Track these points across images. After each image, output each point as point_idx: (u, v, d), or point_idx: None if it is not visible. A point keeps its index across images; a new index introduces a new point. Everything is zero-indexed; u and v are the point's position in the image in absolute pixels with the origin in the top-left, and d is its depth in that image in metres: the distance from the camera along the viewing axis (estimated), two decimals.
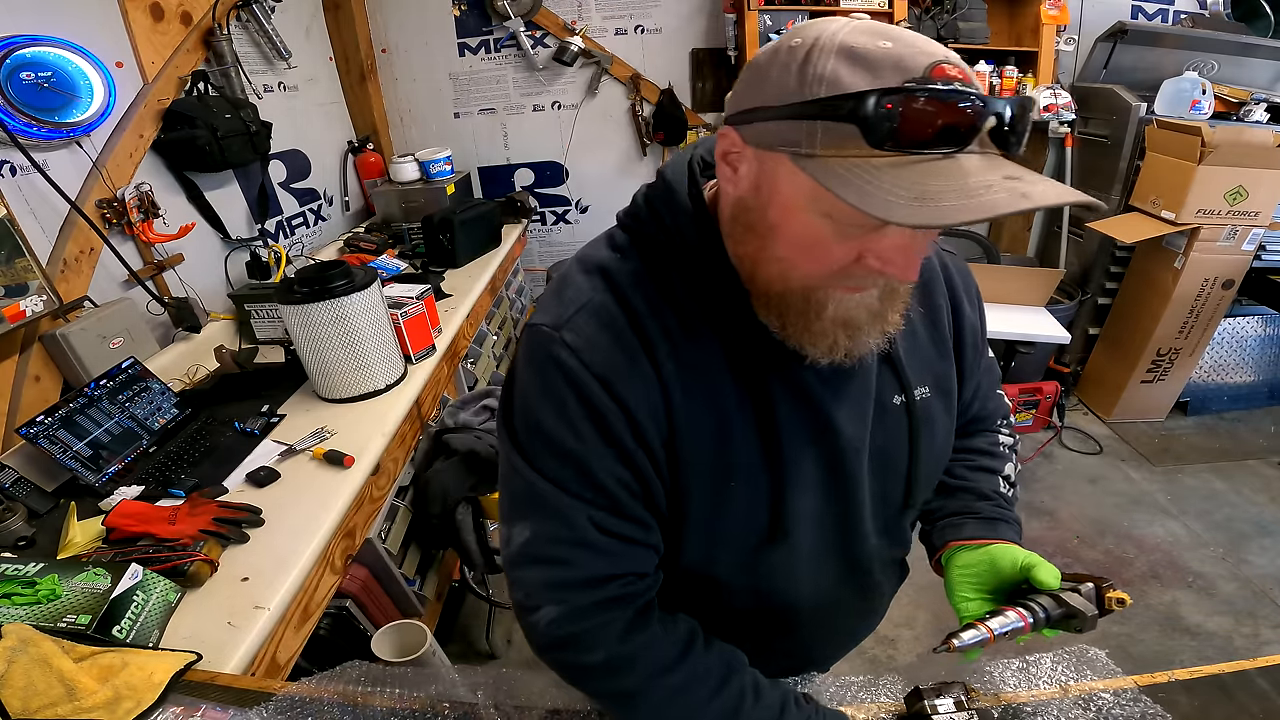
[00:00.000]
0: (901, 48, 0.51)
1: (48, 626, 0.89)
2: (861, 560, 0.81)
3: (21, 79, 1.54)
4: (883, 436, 0.74)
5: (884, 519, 0.80)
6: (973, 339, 0.82)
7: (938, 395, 0.77)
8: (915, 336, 0.76)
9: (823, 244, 0.56)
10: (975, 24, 3.00)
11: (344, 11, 3.00)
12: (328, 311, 1.55)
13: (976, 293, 0.84)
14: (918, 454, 0.76)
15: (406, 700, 0.78)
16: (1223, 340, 2.95)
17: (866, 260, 0.56)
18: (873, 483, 0.75)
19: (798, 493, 0.70)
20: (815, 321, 0.61)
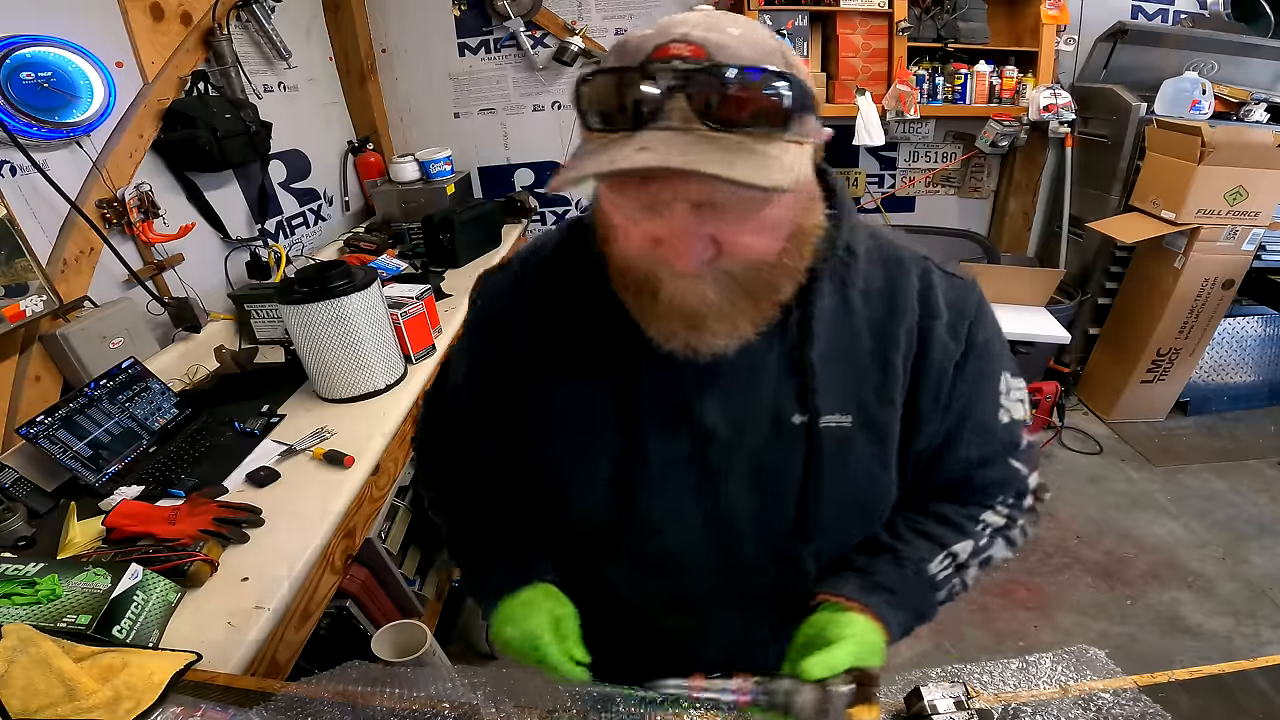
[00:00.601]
0: (655, 33, 0.54)
1: (48, 626, 0.89)
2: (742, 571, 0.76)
3: (21, 79, 1.54)
4: (771, 452, 0.69)
5: (772, 543, 0.73)
6: (939, 378, 0.70)
7: (864, 429, 0.69)
8: (853, 356, 0.68)
9: (622, 227, 0.60)
10: (975, 24, 3.00)
11: (344, 11, 3.00)
12: (328, 311, 1.55)
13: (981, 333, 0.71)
14: (818, 483, 0.69)
15: (406, 700, 0.78)
16: (1223, 340, 2.95)
17: (660, 248, 0.57)
18: (752, 496, 0.71)
19: (652, 474, 0.70)
20: (652, 302, 0.62)
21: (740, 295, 0.60)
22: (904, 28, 2.92)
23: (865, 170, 3.42)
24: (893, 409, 0.69)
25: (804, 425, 0.68)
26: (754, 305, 0.62)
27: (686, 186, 0.53)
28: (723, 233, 0.56)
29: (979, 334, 0.71)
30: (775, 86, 0.52)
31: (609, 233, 0.63)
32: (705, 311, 0.60)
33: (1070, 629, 2.07)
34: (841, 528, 0.74)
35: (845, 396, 0.68)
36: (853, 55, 3.01)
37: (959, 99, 3.07)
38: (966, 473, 0.75)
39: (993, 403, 0.74)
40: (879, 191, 3.46)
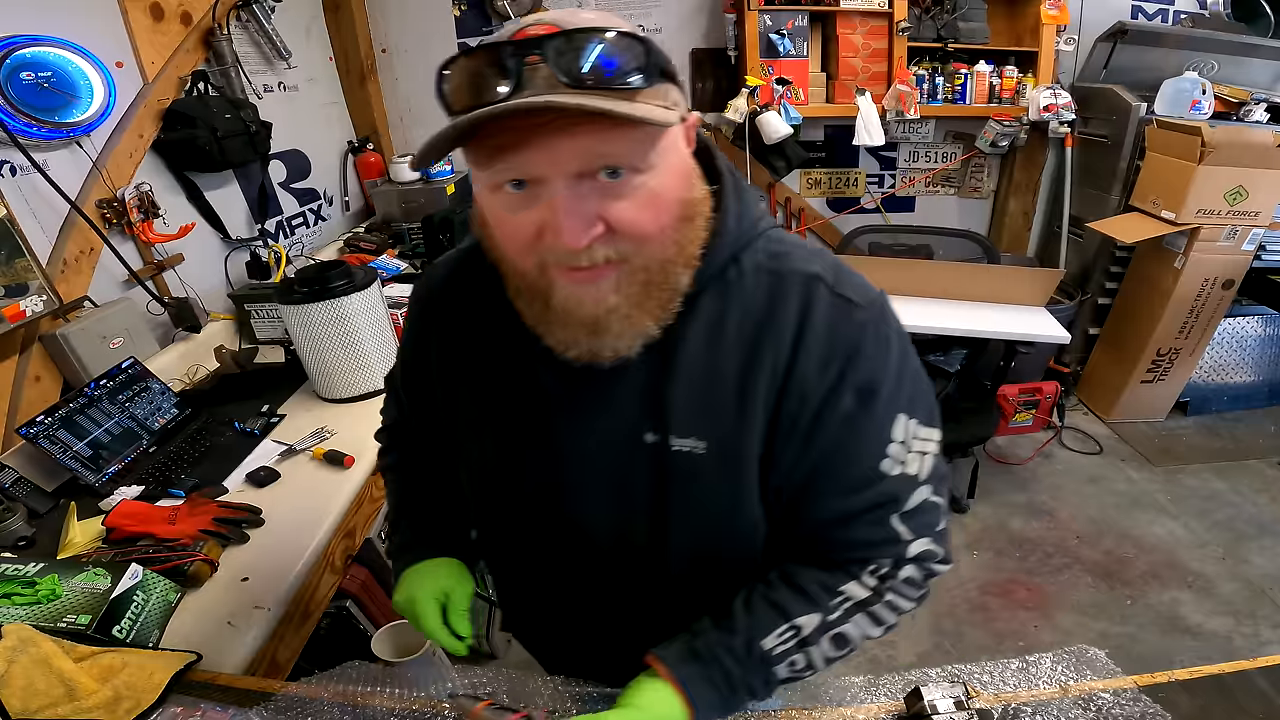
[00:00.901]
0: (515, 26, 0.54)
1: (48, 626, 0.89)
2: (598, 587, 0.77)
3: (21, 79, 1.54)
4: (625, 470, 0.67)
5: (628, 561, 0.72)
6: (798, 413, 0.63)
7: (717, 458, 0.65)
8: (716, 380, 0.64)
9: (504, 220, 0.58)
10: (975, 24, 3.00)
11: (344, 12, 2.99)
12: (328, 311, 1.55)
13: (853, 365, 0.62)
14: (667, 505, 0.67)
15: (406, 700, 0.78)
16: (1223, 340, 2.95)
17: (545, 236, 0.56)
18: (609, 510, 0.70)
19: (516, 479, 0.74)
20: (545, 310, 0.61)
21: (639, 291, 0.59)
22: (904, 28, 2.92)
23: (865, 170, 3.42)
24: (751, 441, 0.65)
25: (655, 446, 0.65)
26: (654, 300, 0.60)
27: (560, 151, 0.52)
28: (606, 209, 0.55)
29: (860, 371, 0.63)
30: (631, 44, 0.53)
31: (495, 238, 0.62)
32: (605, 315, 0.58)
33: (1070, 629, 2.07)
34: (698, 553, 0.70)
35: (703, 423, 0.64)
36: (853, 55, 3.01)
37: (959, 99, 3.07)
38: (830, 526, 0.68)
39: (872, 451, 0.65)
40: (879, 191, 3.46)
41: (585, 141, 0.52)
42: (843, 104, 3.03)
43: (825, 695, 0.78)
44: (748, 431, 0.64)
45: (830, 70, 3.07)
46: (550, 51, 0.51)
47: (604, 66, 0.51)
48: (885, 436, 0.65)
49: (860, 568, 0.68)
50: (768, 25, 2.92)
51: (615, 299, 0.58)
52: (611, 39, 0.52)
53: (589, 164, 0.53)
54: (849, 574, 0.68)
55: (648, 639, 0.70)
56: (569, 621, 0.85)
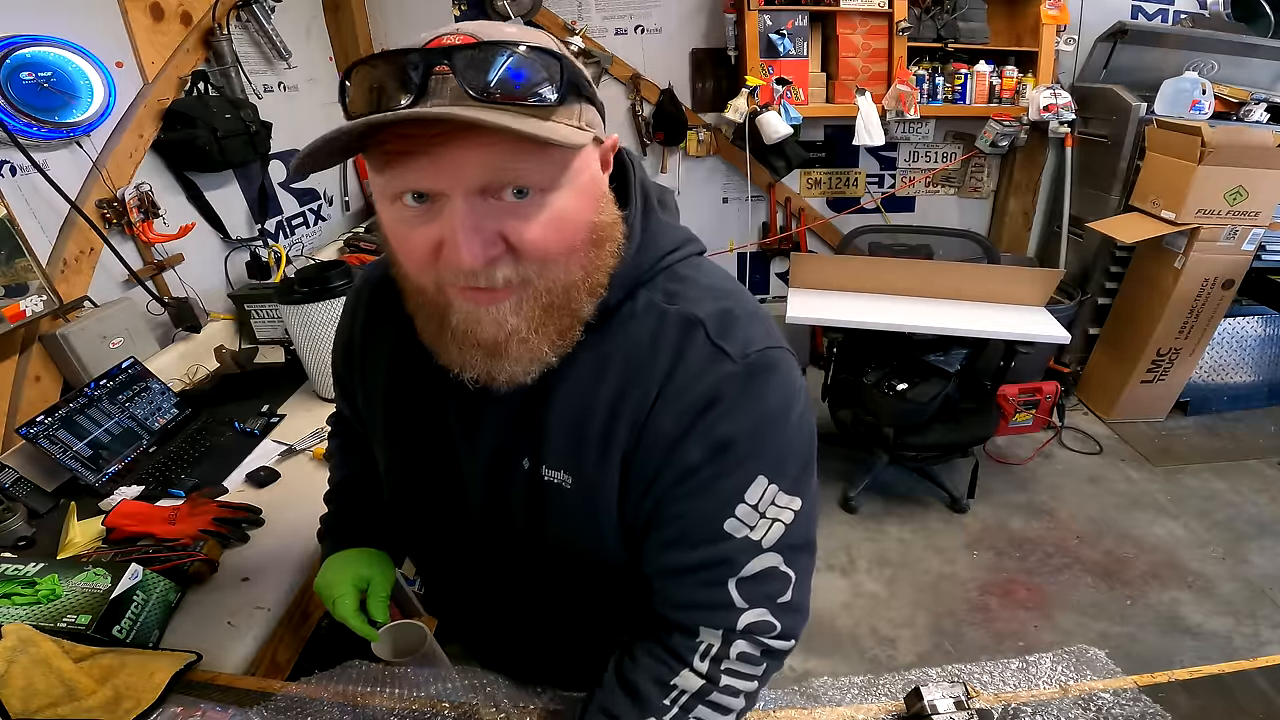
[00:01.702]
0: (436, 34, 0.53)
1: (48, 626, 0.89)
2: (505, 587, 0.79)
3: (21, 79, 1.53)
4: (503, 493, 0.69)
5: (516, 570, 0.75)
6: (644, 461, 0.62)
7: (579, 492, 0.65)
8: (586, 418, 0.63)
9: (401, 235, 0.56)
10: (975, 24, 3.00)
11: (344, 11, 2.99)
12: (328, 311, 1.55)
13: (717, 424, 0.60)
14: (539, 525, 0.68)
15: (406, 700, 0.78)
16: (1223, 340, 2.95)
17: (445, 253, 0.53)
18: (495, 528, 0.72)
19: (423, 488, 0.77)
20: (440, 330, 0.59)
21: (540, 315, 0.57)
22: (904, 28, 2.93)
23: (865, 170, 3.43)
24: (609, 482, 0.64)
25: (529, 472, 0.66)
26: (554, 326, 0.58)
27: (464, 166, 0.50)
28: (509, 228, 0.53)
29: (720, 425, 0.60)
30: (544, 59, 0.51)
31: (392, 252, 0.59)
32: (504, 338, 0.57)
33: (1070, 629, 2.07)
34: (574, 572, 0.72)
35: (570, 458, 0.64)
36: (853, 55, 3.01)
37: (959, 99, 3.07)
38: (665, 577, 0.66)
39: (717, 510, 0.61)
40: (879, 191, 3.47)
41: (492, 158, 0.50)
42: (843, 104, 3.03)
43: (825, 695, 0.78)
44: (607, 472, 0.63)
45: (830, 70, 3.08)
46: (459, 62, 0.49)
47: (513, 79, 0.49)
48: (735, 497, 0.61)
49: (690, 645, 0.65)
50: (768, 25, 2.92)
51: (515, 321, 0.56)
52: (522, 53, 0.50)
53: (494, 181, 0.51)
54: (681, 659, 0.65)
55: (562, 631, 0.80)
56: (486, 614, 0.87)
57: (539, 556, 0.72)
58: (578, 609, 0.77)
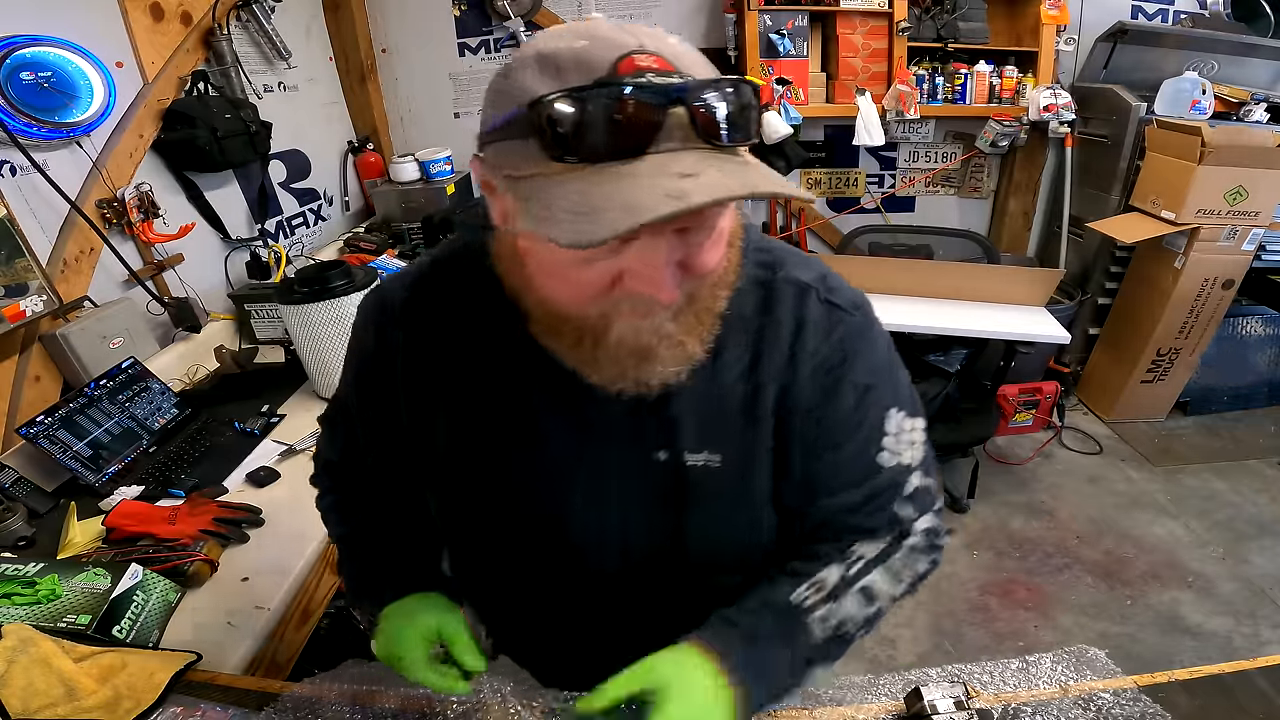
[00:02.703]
0: (594, 44, 0.48)
1: (48, 626, 0.89)
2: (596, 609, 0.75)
3: (21, 79, 1.54)
4: (636, 491, 0.67)
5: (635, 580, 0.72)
6: (804, 420, 0.66)
7: (734, 467, 0.66)
8: (722, 395, 0.65)
9: (568, 274, 0.53)
10: (975, 24, 3.00)
11: (344, 11, 2.99)
12: (328, 311, 1.55)
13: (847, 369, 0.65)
14: (685, 520, 0.68)
15: (406, 700, 0.78)
16: (1223, 340, 2.95)
17: (626, 282, 0.52)
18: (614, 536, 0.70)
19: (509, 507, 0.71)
20: (595, 349, 0.57)
21: (692, 321, 0.58)
22: (904, 28, 2.92)
23: (865, 170, 3.42)
24: (762, 450, 0.67)
25: (667, 462, 0.66)
26: (704, 326, 0.59)
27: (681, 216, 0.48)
28: (689, 256, 0.53)
29: (854, 373, 0.66)
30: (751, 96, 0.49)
31: (542, 284, 0.57)
32: (659, 344, 0.56)
33: (1070, 629, 2.07)
34: (712, 561, 0.71)
35: (714, 437, 0.65)
36: (853, 55, 3.01)
37: (959, 99, 3.07)
38: (837, 518, 0.70)
39: (869, 446, 0.68)
40: (879, 191, 3.46)
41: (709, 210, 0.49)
42: (843, 104, 3.03)
43: (825, 695, 0.78)
44: (758, 440, 0.66)
45: (830, 70, 3.07)
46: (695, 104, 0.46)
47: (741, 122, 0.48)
48: (879, 432, 0.68)
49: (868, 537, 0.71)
50: (768, 25, 2.92)
51: (671, 328, 0.57)
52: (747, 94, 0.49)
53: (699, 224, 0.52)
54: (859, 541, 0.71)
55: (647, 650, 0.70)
56: (565, 642, 0.82)
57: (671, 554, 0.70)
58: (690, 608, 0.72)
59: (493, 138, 0.51)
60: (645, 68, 0.47)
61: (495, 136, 0.51)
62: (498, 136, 0.51)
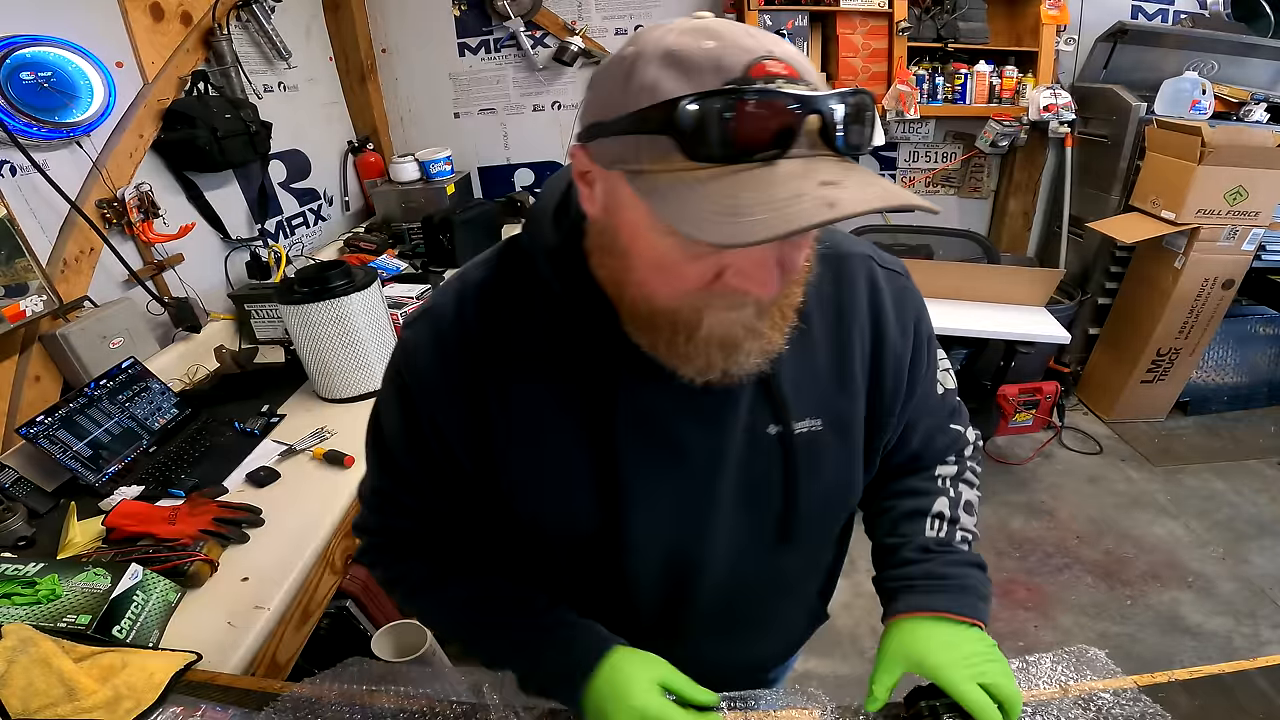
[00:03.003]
0: (724, 46, 0.48)
1: (48, 626, 0.89)
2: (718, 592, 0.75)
3: (21, 79, 1.54)
4: (753, 467, 0.69)
5: (757, 554, 0.75)
6: (896, 373, 0.73)
7: (832, 431, 0.71)
8: (813, 364, 0.69)
9: (675, 265, 0.54)
10: (975, 24, 3.00)
11: (344, 11, 3.00)
12: (328, 311, 1.55)
13: (916, 317, 0.75)
14: (796, 488, 0.71)
15: (406, 700, 0.78)
16: (1223, 340, 2.95)
17: (727, 278, 0.54)
18: (740, 514, 0.71)
19: (637, 512, 0.68)
20: (686, 343, 0.58)
21: (776, 314, 0.60)
22: (904, 28, 2.92)
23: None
24: (856, 409, 0.72)
25: (779, 435, 0.69)
26: (786, 318, 0.61)
27: None
28: (787, 256, 0.55)
29: (921, 326, 0.76)
30: (872, 106, 0.51)
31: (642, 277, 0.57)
32: (745, 336, 0.58)
33: (1070, 629, 2.07)
34: (818, 530, 0.78)
35: (810, 401, 0.69)
36: (853, 55, 3.01)
37: (959, 99, 3.07)
38: (920, 450, 0.82)
39: (935, 382, 0.80)
40: None
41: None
42: None
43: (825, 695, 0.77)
44: (852, 400, 0.72)
45: (830, 70, 3.07)
46: (826, 111, 0.47)
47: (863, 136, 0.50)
48: (936, 368, 0.80)
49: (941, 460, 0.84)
50: (768, 25, 2.92)
51: (757, 323, 0.58)
52: (869, 105, 0.50)
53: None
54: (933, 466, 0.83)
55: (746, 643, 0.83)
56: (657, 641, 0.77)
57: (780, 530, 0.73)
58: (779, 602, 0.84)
59: (609, 130, 0.51)
60: (776, 74, 0.48)
61: (614, 130, 0.51)
62: (617, 130, 0.50)
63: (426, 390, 0.68)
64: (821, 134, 0.48)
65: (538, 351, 0.66)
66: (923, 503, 0.80)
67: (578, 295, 0.63)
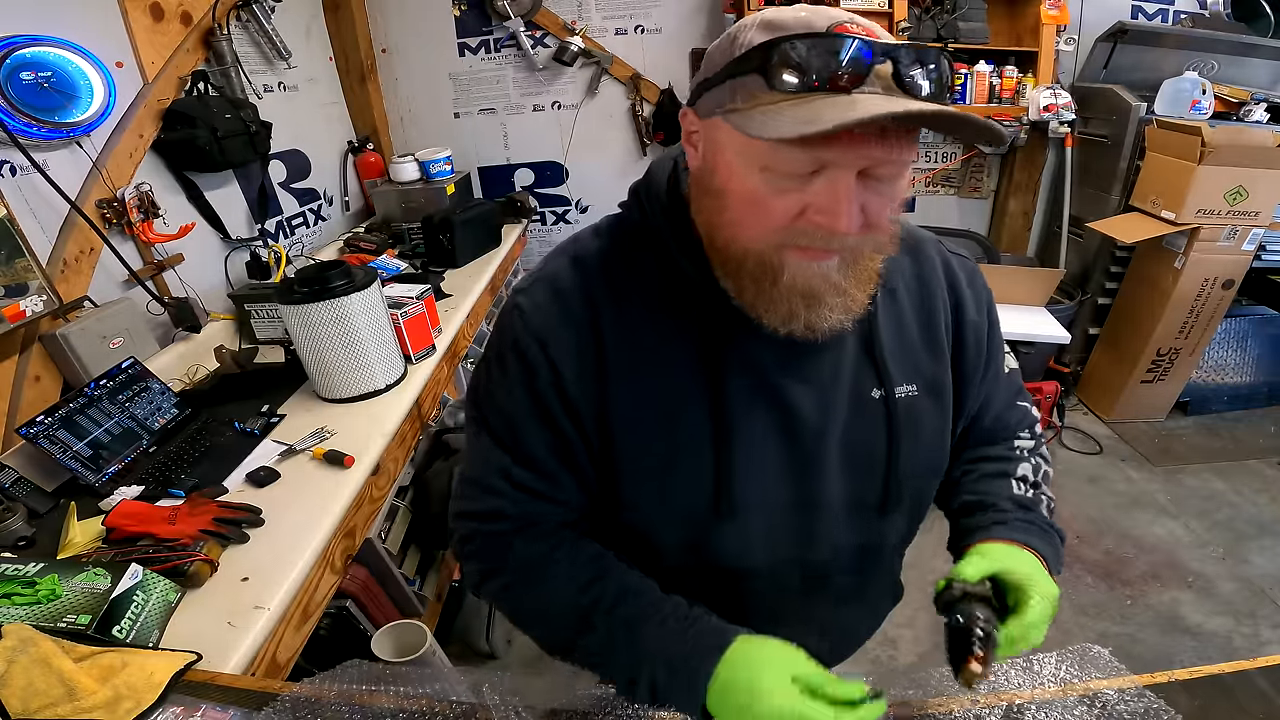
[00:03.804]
0: (814, 13, 0.56)
1: (48, 626, 0.89)
2: (824, 560, 0.77)
3: (21, 79, 1.54)
4: (857, 430, 0.72)
5: (859, 521, 0.76)
6: (976, 343, 0.79)
7: (928, 395, 0.75)
8: (905, 333, 0.75)
9: (763, 200, 0.59)
10: (975, 24, 3.00)
11: (344, 11, 3.00)
12: (328, 311, 1.55)
13: (987, 299, 0.82)
14: (898, 452, 0.74)
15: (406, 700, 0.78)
16: (1223, 340, 2.95)
17: (809, 215, 0.58)
18: (845, 478, 0.74)
19: (747, 470, 0.70)
20: (771, 288, 0.62)
21: (857, 273, 0.63)
22: (904, 28, 2.93)
23: None
24: (946, 373, 0.77)
25: (882, 399, 0.72)
26: (867, 280, 0.65)
27: (870, 149, 0.55)
28: (872, 205, 0.58)
29: (994, 306, 0.82)
30: (947, 67, 0.56)
31: (732, 214, 0.61)
32: (826, 289, 0.61)
33: (1070, 629, 2.07)
34: (916, 496, 0.80)
35: (907, 366, 0.74)
36: None
37: (959, 99, 3.07)
38: (996, 423, 0.86)
39: (1003, 359, 0.86)
40: None
41: (891, 147, 0.55)
42: None
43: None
44: (942, 369, 0.77)
45: None
46: (902, 59, 0.54)
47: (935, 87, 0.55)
48: (1004, 347, 0.86)
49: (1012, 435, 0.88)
50: None
51: (838, 277, 0.61)
52: (945, 66, 0.56)
53: (879, 165, 0.56)
54: (1011, 439, 0.88)
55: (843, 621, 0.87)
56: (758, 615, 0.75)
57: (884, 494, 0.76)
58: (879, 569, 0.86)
59: (712, 84, 0.59)
60: (855, 33, 0.55)
61: (715, 81, 0.59)
62: (718, 80, 0.59)
63: (548, 340, 0.68)
64: (895, 79, 0.54)
65: (651, 305, 0.69)
66: (1006, 466, 0.83)
67: (683, 240, 0.68)
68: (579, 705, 0.75)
